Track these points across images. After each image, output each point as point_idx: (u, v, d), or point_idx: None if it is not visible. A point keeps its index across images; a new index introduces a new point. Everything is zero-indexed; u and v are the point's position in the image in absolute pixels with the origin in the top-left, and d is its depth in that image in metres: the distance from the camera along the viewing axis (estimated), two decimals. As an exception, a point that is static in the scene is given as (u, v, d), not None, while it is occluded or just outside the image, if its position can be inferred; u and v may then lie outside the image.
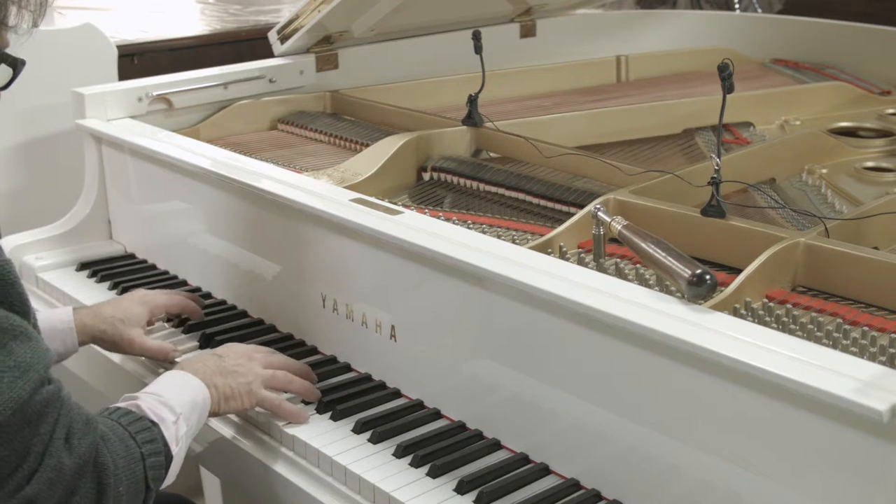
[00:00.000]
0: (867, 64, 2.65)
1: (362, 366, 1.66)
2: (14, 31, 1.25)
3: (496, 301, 1.41)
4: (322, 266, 1.69)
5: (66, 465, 1.15)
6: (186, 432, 1.37)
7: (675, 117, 2.27)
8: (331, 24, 2.40)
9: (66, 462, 1.15)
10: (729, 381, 1.17)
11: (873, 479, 1.08)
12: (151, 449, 1.28)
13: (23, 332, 1.14)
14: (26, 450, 1.12)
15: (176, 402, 1.36)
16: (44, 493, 1.13)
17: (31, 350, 1.14)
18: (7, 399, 1.09)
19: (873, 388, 1.07)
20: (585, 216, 1.62)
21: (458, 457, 1.42)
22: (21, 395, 1.10)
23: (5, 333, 1.12)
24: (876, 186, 1.95)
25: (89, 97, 2.15)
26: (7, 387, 1.10)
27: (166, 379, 1.43)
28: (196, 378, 1.44)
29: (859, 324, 1.35)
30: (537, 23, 2.90)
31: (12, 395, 1.10)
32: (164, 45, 2.92)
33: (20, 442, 1.11)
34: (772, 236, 1.49)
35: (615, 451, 1.31)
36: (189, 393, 1.41)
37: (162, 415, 1.33)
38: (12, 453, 1.11)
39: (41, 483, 1.12)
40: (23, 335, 1.14)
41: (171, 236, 2.06)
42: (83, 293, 2.00)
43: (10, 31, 1.25)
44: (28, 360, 1.13)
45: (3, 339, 1.11)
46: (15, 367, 1.11)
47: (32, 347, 1.14)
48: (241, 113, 2.33)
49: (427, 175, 2.02)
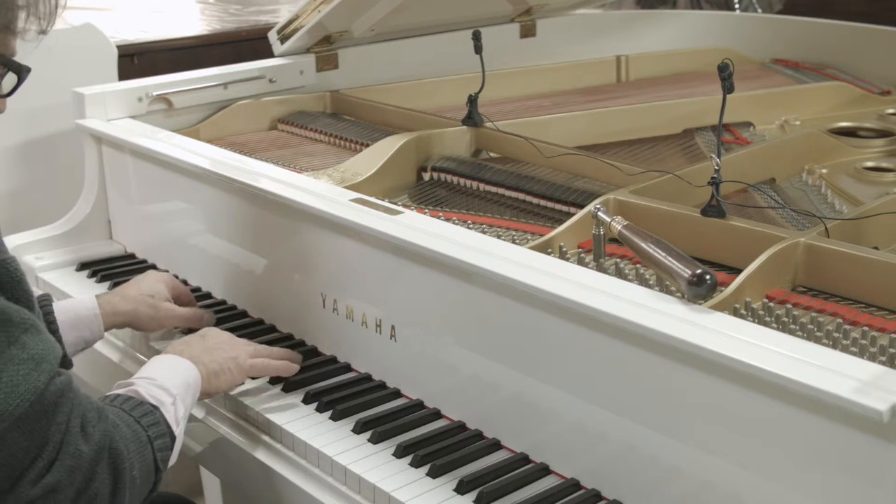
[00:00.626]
0: (867, 64, 2.65)
1: (362, 366, 1.66)
2: (22, 37, 1.26)
3: (496, 301, 1.41)
4: (322, 266, 1.69)
5: (84, 452, 1.18)
6: (185, 413, 1.40)
7: (675, 117, 2.27)
8: (331, 24, 2.40)
9: (83, 449, 1.18)
10: (729, 381, 1.17)
11: (873, 479, 1.08)
12: (157, 431, 1.31)
13: (32, 326, 1.17)
14: (44, 439, 1.15)
15: (170, 384, 1.39)
16: (65, 481, 1.16)
17: (42, 342, 1.17)
18: (24, 391, 1.12)
19: (873, 388, 1.07)
20: (585, 216, 1.62)
21: (458, 457, 1.42)
22: (37, 386, 1.14)
23: (17, 327, 1.14)
24: (876, 186, 1.95)
25: (89, 97, 2.15)
26: (23, 379, 1.13)
27: (156, 363, 1.45)
28: (184, 359, 1.47)
29: (859, 324, 1.35)
30: (537, 23, 2.90)
31: (29, 387, 1.13)
32: (164, 45, 2.92)
33: (38, 432, 1.14)
34: (772, 236, 1.49)
35: (615, 451, 1.31)
36: (181, 374, 1.44)
37: (160, 398, 1.36)
38: (31, 444, 1.14)
39: (62, 471, 1.16)
40: (33, 328, 1.17)
41: (171, 236, 2.06)
42: (83, 293, 1.98)
43: (19, 36, 1.26)
44: (41, 352, 1.16)
45: (15, 332, 1.14)
46: (29, 360, 1.14)
47: (43, 340, 1.17)
48: (241, 113, 2.33)
49: (427, 175, 2.02)
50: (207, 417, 1.62)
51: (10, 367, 1.12)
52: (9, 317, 1.14)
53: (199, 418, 1.62)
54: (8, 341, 1.13)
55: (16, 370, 1.12)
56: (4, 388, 1.11)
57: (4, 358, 1.12)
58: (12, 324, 1.14)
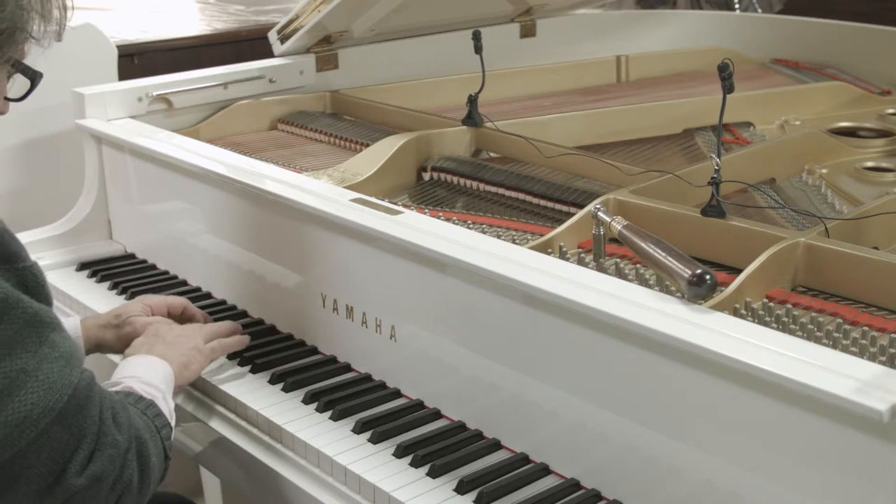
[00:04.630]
0: (867, 64, 2.65)
1: (362, 366, 1.66)
2: (39, 43, 1.29)
3: (496, 301, 1.41)
4: (322, 266, 1.69)
5: (120, 441, 1.24)
6: (173, 407, 1.44)
7: (675, 117, 2.27)
8: (331, 24, 2.40)
9: (119, 438, 1.23)
10: (729, 381, 1.17)
11: (873, 479, 1.08)
12: (161, 422, 1.36)
13: (59, 325, 1.21)
14: (83, 431, 1.19)
15: (155, 380, 1.44)
16: (108, 469, 1.21)
17: (68, 339, 1.22)
18: (62, 386, 1.17)
19: (873, 388, 1.07)
20: (585, 216, 1.62)
21: (458, 457, 1.42)
22: (71, 381, 1.19)
23: (46, 327, 1.18)
24: (876, 186, 1.95)
25: (89, 97, 2.15)
26: (58, 375, 1.17)
27: (132, 364, 1.48)
28: (153, 357, 1.50)
29: (859, 324, 1.35)
30: (537, 23, 2.90)
31: (65, 383, 1.18)
32: (164, 45, 2.92)
33: (77, 425, 1.19)
34: (772, 236, 1.49)
35: (615, 451, 1.31)
36: (160, 371, 1.47)
37: (153, 393, 1.40)
38: (72, 436, 1.18)
39: (104, 460, 1.21)
40: (59, 327, 1.21)
41: (171, 236, 2.06)
42: (83, 293, 2.00)
43: (33, 43, 1.28)
44: (69, 349, 1.21)
45: (45, 332, 1.18)
46: (60, 357, 1.19)
47: (67, 337, 1.22)
48: (241, 113, 2.33)
49: (427, 175, 2.02)
50: (207, 417, 1.62)
51: (45, 366, 1.16)
52: (39, 318, 1.18)
53: (200, 418, 1.63)
54: (40, 341, 1.17)
55: (50, 368, 1.17)
56: (43, 385, 1.16)
57: (39, 356, 1.16)
58: (42, 324, 1.18)
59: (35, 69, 1.30)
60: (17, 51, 1.27)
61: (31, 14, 1.24)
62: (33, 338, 1.16)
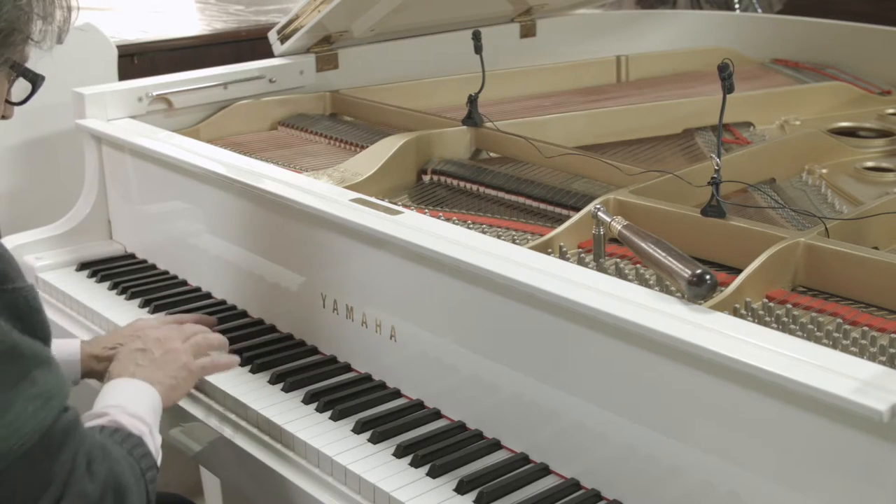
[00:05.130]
0: (867, 64, 2.65)
1: (362, 366, 1.66)
2: (39, 46, 1.25)
3: (496, 301, 1.41)
4: (322, 266, 1.69)
5: (90, 491, 1.15)
6: (160, 442, 1.36)
7: (675, 117, 2.27)
8: (331, 24, 2.40)
9: (89, 489, 1.15)
10: (729, 381, 1.17)
11: (873, 479, 1.08)
12: (147, 463, 1.28)
13: (45, 360, 1.14)
14: (48, 478, 1.12)
15: (141, 411, 1.35)
16: None
17: (54, 377, 1.14)
18: (31, 429, 1.09)
19: (873, 388, 1.07)
20: (585, 216, 1.62)
21: (458, 457, 1.42)
22: (44, 424, 1.11)
23: (29, 362, 1.11)
24: (876, 186, 1.95)
25: (89, 97, 2.15)
26: (31, 416, 1.10)
27: (117, 389, 1.40)
28: (142, 382, 1.42)
29: (859, 324, 1.35)
30: (537, 23, 2.90)
31: (35, 425, 1.10)
32: (164, 45, 2.92)
33: (42, 470, 1.11)
34: (772, 236, 1.49)
35: (615, 451, 1.31)
36: (147, 399, 1.40)
37: (141, 428, 1.32)
38: (35, 480, 1.11)
39: None
40: (45, 363, 1.13)
41: (171, 236, 2.06)
42: (83, 293, 2.00)
43: (35, 46, 1.25)
44: (50, 388, 1.12)
45: (27, 367, 1.11)
46: (38, 397, 1.11)
47: (54, 375, 1.14)
48: (241, 113, 2.33)
49: (427, 178, 2.02)
50: (207, 417, 1.62)
51: (17, 404, 1.09)
52: (21, 352, 1.10)
53: (200, 418, 1.62)
54: (19, 376, 1.10)
55: (23, 407, 1.09)
56: (10, 425, 1.08)
57: (14, 393, 1.09)
58: (24, 358, 1.11)
59: (36, 72, 1.27)
60: (17, 53, 1.23)
61: (30, 15, 1.21)
62: (11, 372, 1.09)
